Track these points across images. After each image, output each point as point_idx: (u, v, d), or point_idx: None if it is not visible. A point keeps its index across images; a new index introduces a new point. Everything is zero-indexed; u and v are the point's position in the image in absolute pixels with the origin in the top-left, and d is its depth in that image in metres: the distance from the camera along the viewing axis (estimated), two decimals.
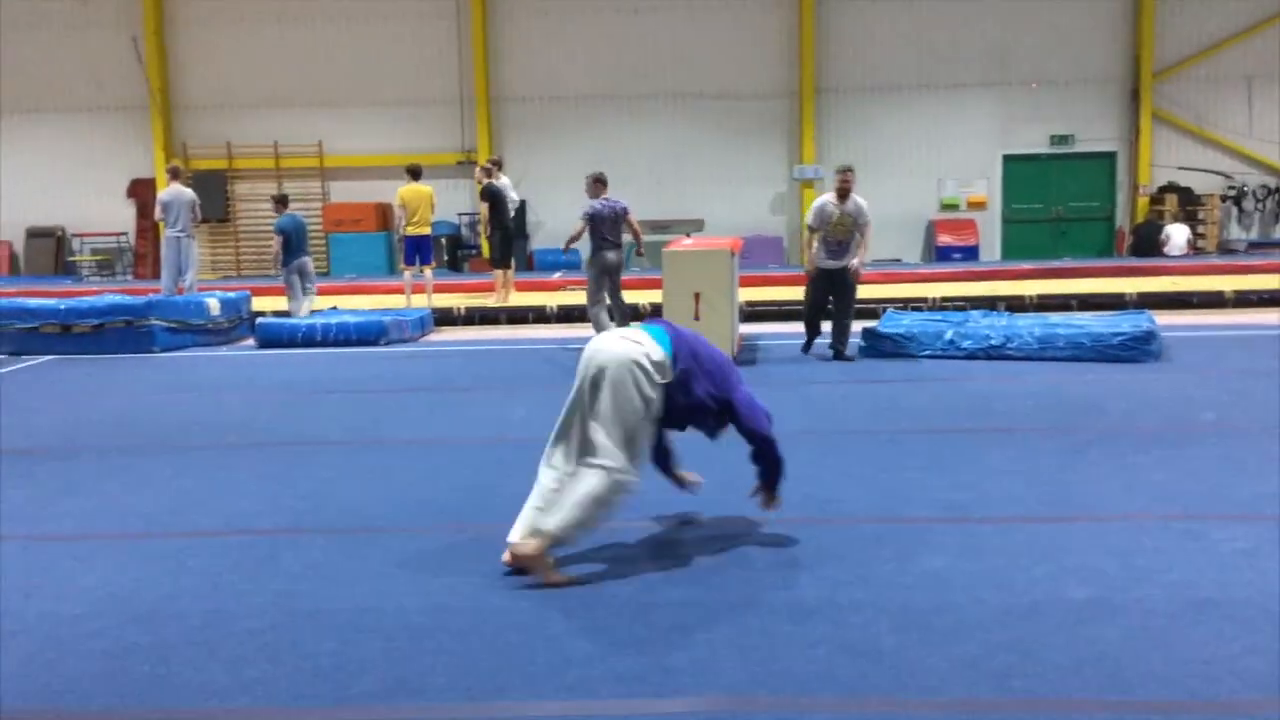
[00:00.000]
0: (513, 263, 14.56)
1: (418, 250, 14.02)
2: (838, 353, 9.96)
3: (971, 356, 9.66)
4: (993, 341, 9.71)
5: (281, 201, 13.46)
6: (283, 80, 20.39)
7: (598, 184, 10.98)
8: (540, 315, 13.69)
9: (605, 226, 10.79)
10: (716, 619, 3.84)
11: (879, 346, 10.09)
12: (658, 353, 4.28)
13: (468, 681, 3.42)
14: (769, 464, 4.56)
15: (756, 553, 4.55)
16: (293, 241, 12.91)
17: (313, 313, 12.89)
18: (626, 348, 4.28)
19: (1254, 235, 19.96)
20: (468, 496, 5.62)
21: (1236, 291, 13.50)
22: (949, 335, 9.96)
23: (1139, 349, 9.33)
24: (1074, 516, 5.01)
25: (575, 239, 11.03)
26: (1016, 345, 9.63)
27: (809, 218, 10.25)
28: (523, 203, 18.23)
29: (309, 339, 11.64)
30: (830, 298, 10.23)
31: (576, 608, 3.98)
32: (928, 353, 9.84)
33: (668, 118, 20.31)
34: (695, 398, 4.35)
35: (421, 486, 5.84)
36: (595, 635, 3.73)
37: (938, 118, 20.04)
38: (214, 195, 20.09)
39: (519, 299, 14.47)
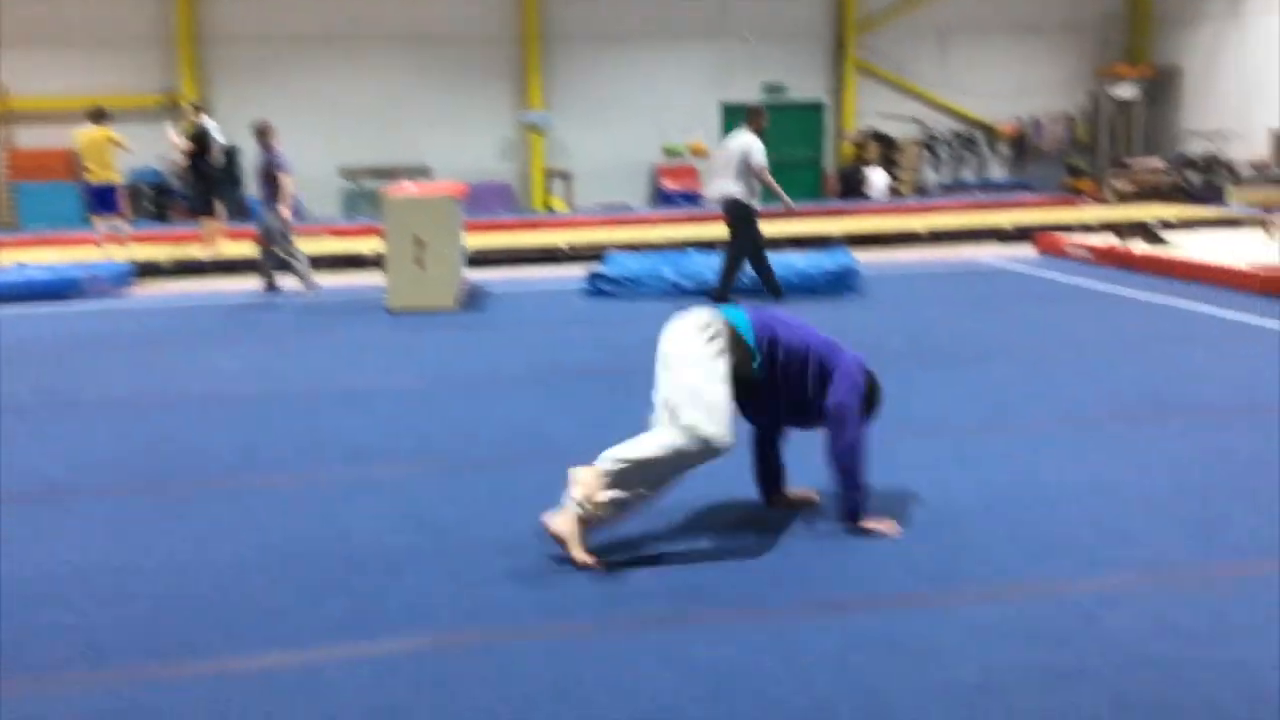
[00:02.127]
0: (220, 210, 13.77)
1: (101, 200, 13.04)
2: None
3: (689, 293, 9.99)
4: (709, 280, 10.08)
5: None
6: None
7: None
8: (253, 266, 13.02)
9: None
10: (427, 559, 3.83)
11: (601, 288, 10.27)
12: (723, 323, 3.91)
13: (159, 643, 3.25)
14: (838, 461, 3.94)
15: (474, 490, 4.56)
16: None
17: None
18: (689, 319, 3.99)
19: (945, 179, 21.54)
20: (167, 453, 5.32)
21: (930, 230, 14.56)
22: (669, 276, 10.27)
23: (841, 284, 9.97)
24: None
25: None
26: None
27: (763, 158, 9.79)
28: (233, 149, 17.28)
29: None
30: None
31: (275, 562, 3.86)
32: (651, 293, 10.10)
33: (388, 61, 19.69)
34: (789, 367, 3.92)
35: (117, 445, 5.48)
36: (300, 586, 3.64)
37: (660, 67, 20.41)
38: None
39: (232, 249, 13.72)
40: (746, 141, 9.71)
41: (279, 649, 3.18)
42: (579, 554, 3.64)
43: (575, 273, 10.73)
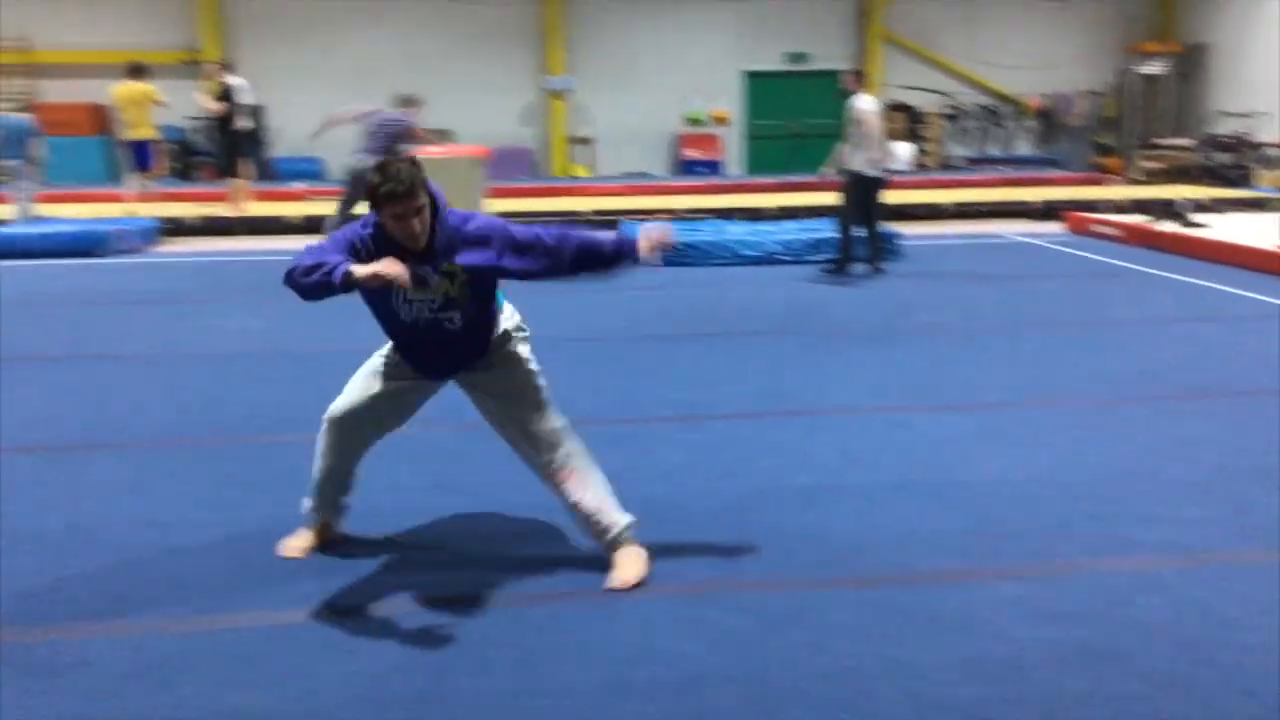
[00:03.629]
0: (246, 171, 13.75)
1: (139, 156, 13.01)
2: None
3: (751, 263, 10.02)
4: (769, 249, 10.14)
5: None
6: None
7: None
8: (282, 226, 13.08)
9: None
10: (447, 522, 3.85)
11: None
12: None
13: (187, 596, 3.29)
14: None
15: (495, 457, 4.56)
16: None
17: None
18: None
19: (971, 152, 21.36)
20: (195, 410, 5.35)
21: (956, 204, 14.46)
22: (731, 244, 10.27)
23: (889, 250, 10.23)
24: (798, 411, 5.29)
25: None
26: (793, 250, 10.30)
27: None
28: (259, 108, 17.23)
29: (9, 250, 10.68)
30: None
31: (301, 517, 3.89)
32: (714, 261, 10.10)
33: (413, 23, 19.60)
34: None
35: (145, 401, 5.51)
36: (319, 552, 3.66)
37: (682, 32, 20.24)
38: None
39: (258, 209, 13.74)
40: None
41: (300, 605, 3.21)
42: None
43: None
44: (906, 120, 20.55)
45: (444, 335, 3.29)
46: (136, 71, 12.97)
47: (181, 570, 3.48)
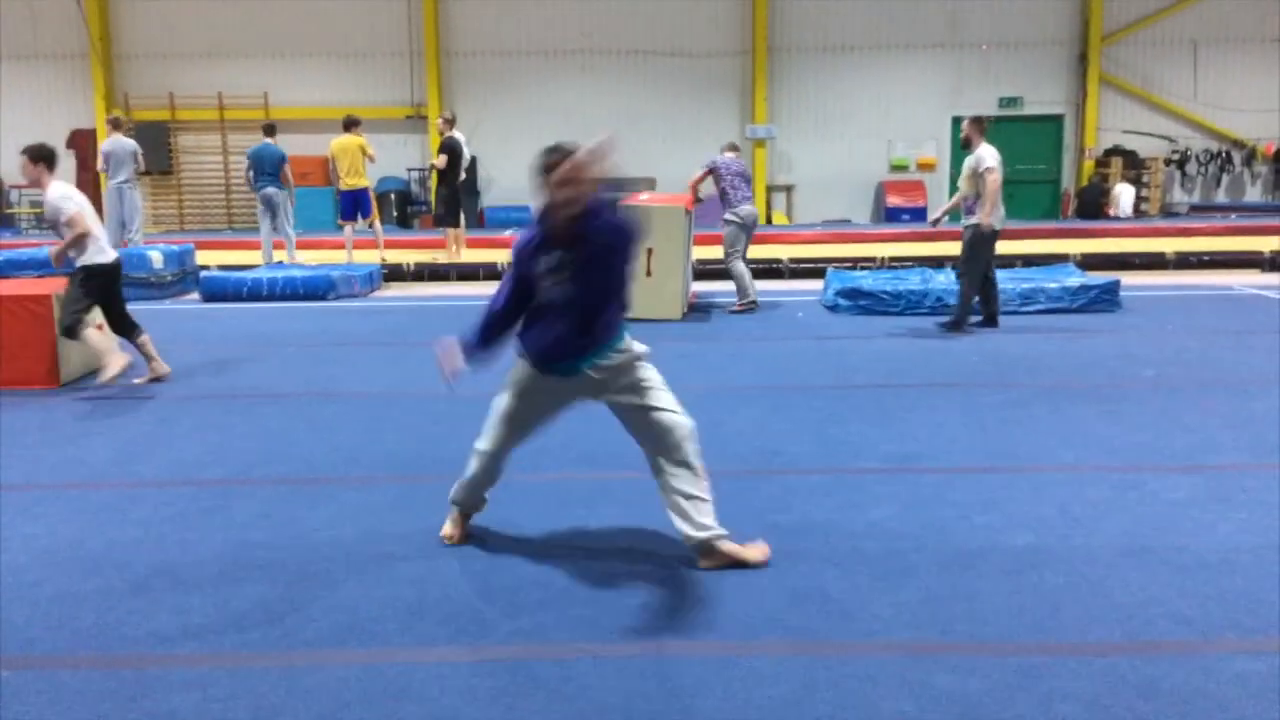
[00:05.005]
0: (462, 220, 14.41)
1: (354, 204, 13.83)
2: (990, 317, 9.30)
3: (930, 312, 9.82)
4: (949, 300, 9.90)
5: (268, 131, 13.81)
6: (227, 29, 19.97)
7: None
8: (492, 272, 13.60)
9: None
10: (659, 571, 3.89)
11: (858, 304, 10.12)
12: None
13: (419, 626, 3.43)
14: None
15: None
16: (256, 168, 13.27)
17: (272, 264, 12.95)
18: None
19: (1196, 199, 20.28)
20: (417, 449, 5.61)
21: (1177, 253, 13.74)
22: (938, 292, 10.08)
23: (1110, 299, 9.97)
24: (1017, 468, 5.11)
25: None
26: (1002, 300, 9.85)
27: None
28: (474, 159, 18.06)
29: (255, 293, 11.50)
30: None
31: (530, 556, 4.01)
32: (891, 311, 9.95)
33: (619, 74, 20.17)
34: None
35: (372, 438, 5.82)
36: (548, 584, 3.76)
37: (888, 79, 20.08)
38: (157, 147, 19.69)
39: (470, 256, 14.36)
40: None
41: (514, 643, 3.30)
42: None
43: (797, 286, 10.69)
44: (1125, 165, 19.72)
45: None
46: (350, 124, 13.81)
47: (406, 597, 3.64)
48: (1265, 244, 14.23)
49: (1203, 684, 2.99)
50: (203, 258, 13.66)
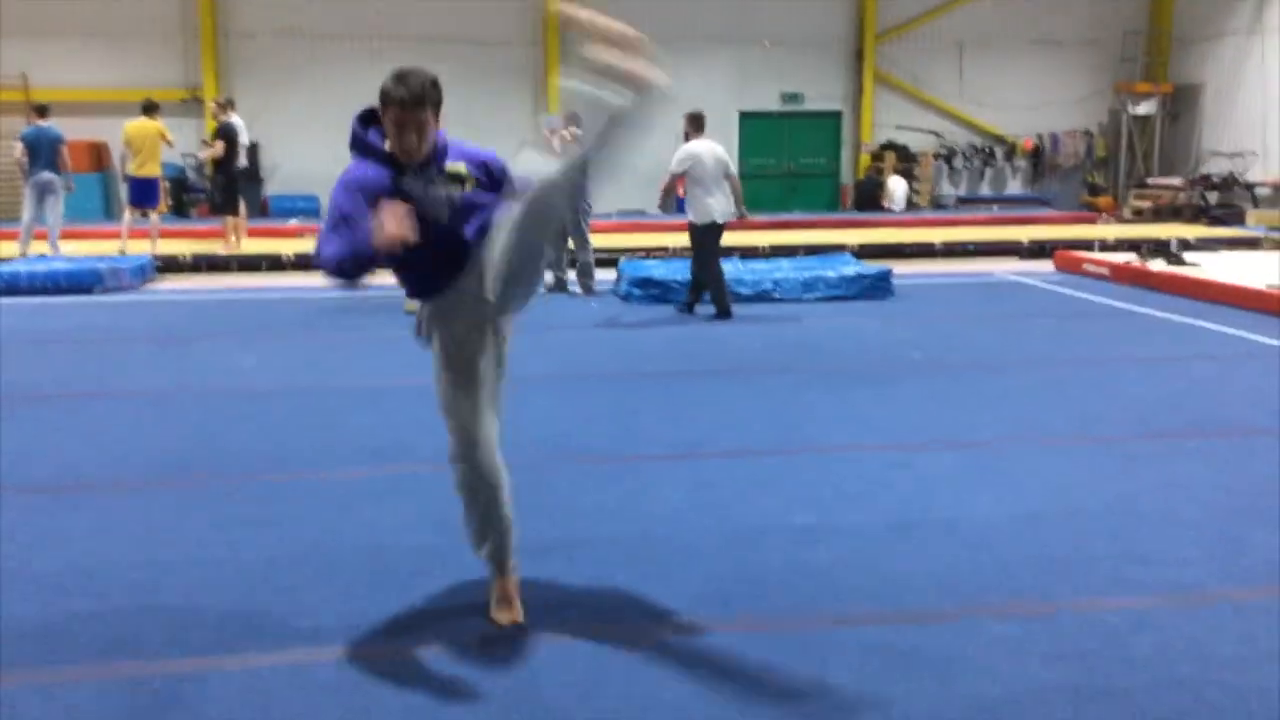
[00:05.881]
0: (242, 208, 13.82)
1: (144, 193, 13.10)
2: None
3: (744, 300, 10.08)
4: (764, 287, 10.21)
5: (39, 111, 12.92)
6: None
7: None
8: (275, 263, 13.13)
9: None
10: (453, 564, 3.85)
11: (650, 293, 10.26)
12: None
13: (188, 636, 3.28)
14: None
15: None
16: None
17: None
18: None
19: (962, 191, 21.54)
20: (193, 448, 5.36)
21: (945, 242, 14.57)
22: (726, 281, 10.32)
23: (883, 287, 10.52)
24: (797, 449, 5.31)
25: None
26: (784, 289, 10.34)
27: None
28: (254, 145, 17.36)
29: (12, 287, 10.71)
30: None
31: (303, 555, 3.89)
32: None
33: (409, 61, 19.61)
34: None
35: (142, 439, 5.52)
36: (328, 583, 3.66)
37: (677, 74, 20.28)
38: None
39: (252, 246, 13.80)
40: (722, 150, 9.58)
41: (308, 645, 3.21)
42: None
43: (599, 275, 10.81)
44: (898, 160, 20.74)
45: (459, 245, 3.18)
46: (149, 109, 13.07)
47: (175, 609, 3.47)
48: (1023, 233, 15.26)
49: (963, 649, 3.18)
50: None
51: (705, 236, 9.33)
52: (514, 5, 19.91)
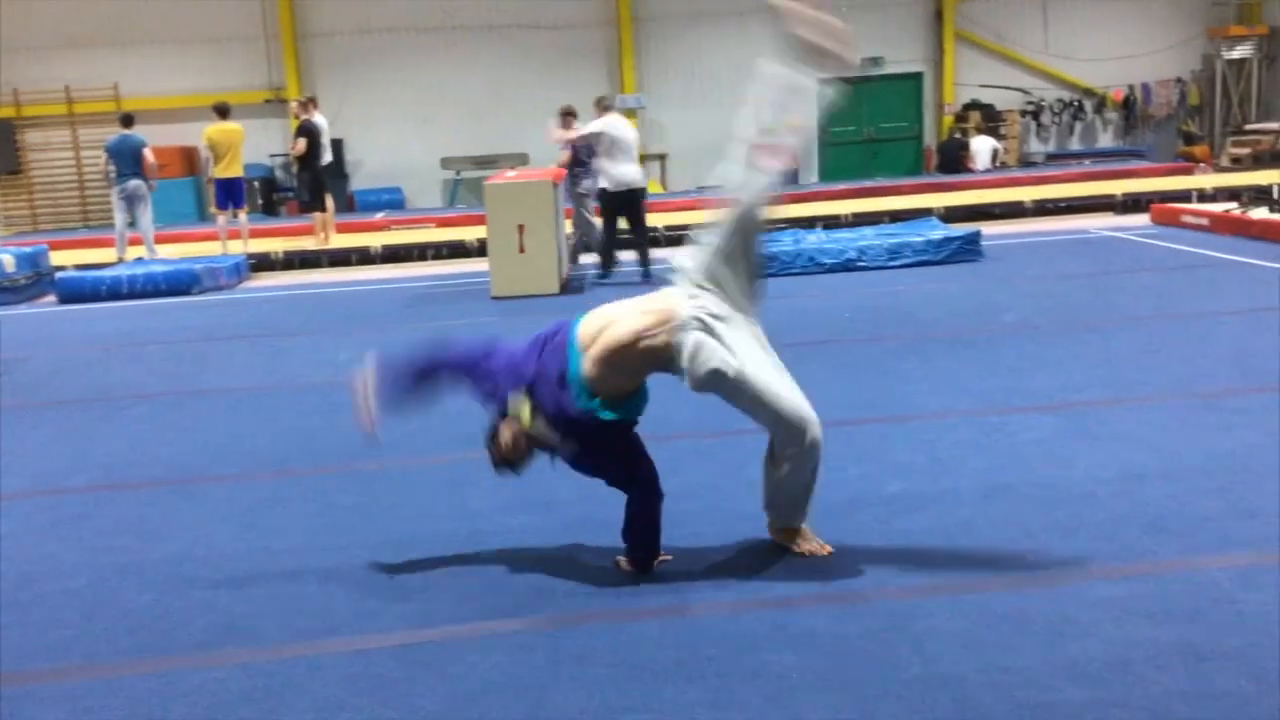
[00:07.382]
0: (330, 204, 14.10)
1: (229, 194, 13.44)
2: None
3: (829, 271, 10.02)
4: (848, 256, 10.12)
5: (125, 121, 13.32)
6: (71, 20, 19.08)
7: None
8: (364, 257, 13.38)
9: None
10: (552, 544, 3.90)
11: None
12: None
13: (298, 621, 3.38)
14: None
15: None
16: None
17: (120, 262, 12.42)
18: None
19: (1051, 148, 20.99)
20: (291, 440, 5.50)
21: (1035, 201, 14.23)
22: (810, 252, 10.29)
23: (972, 249, 10.31)
24: (888, 418, 5.25)
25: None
26: (869, 257, 10.20)
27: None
28: (339, 141, 17.67)
29: (114, 292, 11.09)
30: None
31: (404, 540, 3.97)
32: (793, 271, 10.12)
33: (485, 50, 19.90)
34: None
35: (243, 435, 5.68)
36: (431, 566, 3.74)
37: (752, 44, 20.24)
38: (3, 146, 18.80)
39: (340, 241, 14.08)
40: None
41: (415, 627, 3.28)
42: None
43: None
44: (983, 119, 20.28)
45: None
46: (222, 112, 13.39)
47: (285, 596, 3.58)
48: (1117, 187, 14.82)
49: (1070, 612, 3.12)
50: (58, 258, 13.11)
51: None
52: None
